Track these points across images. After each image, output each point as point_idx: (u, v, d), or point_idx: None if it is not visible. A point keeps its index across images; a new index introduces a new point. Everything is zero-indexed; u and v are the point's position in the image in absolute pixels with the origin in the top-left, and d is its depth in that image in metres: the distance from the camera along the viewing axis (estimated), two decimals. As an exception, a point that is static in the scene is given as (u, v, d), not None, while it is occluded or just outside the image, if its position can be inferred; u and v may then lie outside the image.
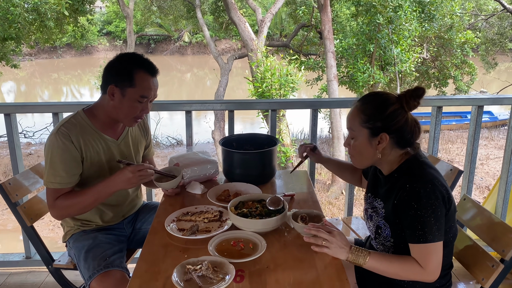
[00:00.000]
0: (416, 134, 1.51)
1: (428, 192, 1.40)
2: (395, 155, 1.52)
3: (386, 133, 1.47)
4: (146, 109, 1.84)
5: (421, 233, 1.40)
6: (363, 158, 1.55)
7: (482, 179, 9.69)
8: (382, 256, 1.47)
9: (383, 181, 1.59)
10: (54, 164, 1.75)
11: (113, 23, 29.62)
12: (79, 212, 1.84)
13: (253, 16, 16.40)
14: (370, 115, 1.48)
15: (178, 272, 1.35)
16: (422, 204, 1.39)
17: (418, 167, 1.48)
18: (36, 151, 12.02)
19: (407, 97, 1.47)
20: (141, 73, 1.77)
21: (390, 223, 1.52)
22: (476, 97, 2.57)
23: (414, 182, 1.42)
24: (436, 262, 1.41)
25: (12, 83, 24.03)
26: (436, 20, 9.78)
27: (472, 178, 2.63)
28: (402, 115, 1.47)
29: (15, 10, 9.31)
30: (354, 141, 1.54)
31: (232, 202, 1.73)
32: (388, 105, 1.47)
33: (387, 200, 1.53)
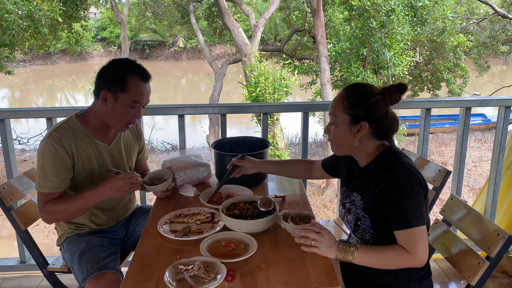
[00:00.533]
0: (394, 128, 1.58)
1: (408, 178, 1.47)
2: (373, 145, 1.58)
3: (366, 121, 1.53)
4: (139, 114, 1.85)
5: (405, 219, 1.45)
6: (342, 144, 1.60)
7: (476, 181, 9.75)
8: (369, 248, 1.51)
9: (359, 173, 1.64)
10: (45, 168, 1.77)
11: (108, 29, 29.63)
12: (68, 218, 1.86)
13: (247, 21, 16.48)
14: (353, 102, 1.55)
15: (170, 273, 1.38)
16: (403, 190, 1.45)
17: (395, 156, 1.55)
18: (30, 157, 11.99)
19: (390, 90, 1.54)
20: (134, 79, 1.79)
21: (369, 214, 1.57)
22: (464, 99, 2.62)
23: (393, 170, 1.49)
24: (423, 246, 1.46)
25: (7, 90, 23.97)
26: (428, 24, 9.87)
27: (462, 179, 2.67)
28: (383, 107, 1.54)
29: (9, 17, 9.31)
30: (334, 127, 1.59)
31: (224, 203, 1.75)
32: (372, 95, 1.54)
33: (365, 192, 1.59)
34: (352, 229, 1.66)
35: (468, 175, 10.12)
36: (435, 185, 2.02)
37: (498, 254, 1.52)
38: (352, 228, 1.65)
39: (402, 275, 1.57)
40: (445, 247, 1.79)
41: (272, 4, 10.70)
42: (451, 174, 2.27)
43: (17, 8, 9.46)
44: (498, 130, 2.65)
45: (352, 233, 1.69)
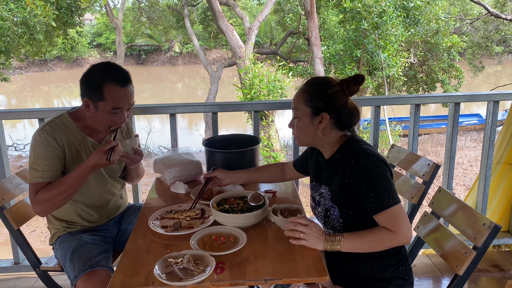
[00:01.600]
0: (354, 118, 1.63)
1: (374, 162, 1.51)
2: (335, 136, 1.63)
3: (326, 112, 1.58)
4: (122, 118, 1.84)
5: (381, 201, 1.49)
6: (305, 136, 1.65)
7: (472, 180, 9.78)
8: (355, 235, 1.53)
9: (325, 165, 1.69)
10: (37, 159, 1.78)
11: (103, 35, 29.68)
12: (61, 202, 1.81)
13: (242, 25, 16.54)
14: (312, 94, 1.60)
15: (160, 266, 1.39)
16: (372, 175, 1.50)
17: (357, 144, 1.60)
18: (27, 163, 11.95)
19: (347, 82, 1.59)
20: (110, 86, 1.77)
21: (337, 204, 1.60)
22: (453, 95, 2.65)
23: (358, 157, 1.53)
24: (405, 223, 1.50)
25: (3, 97, 23.95)
26: (422, 24, 9.94)
27: (452, 174, 2.70)
28: (342, 97, 1.59)
29: (4, 24, 9.33)
30: (297, 120, 1.64)
31: (214, 199, 1.77)
32: (330, 86, 1.60)
33: (332, 182, 1.63)
34: (323, 221, 1.69)
35: (464, 174, 10.15)
36: (425, 179, 2.04)
37: (485, 243, 1.54)
38: (323, 220, 1.68)
39: (377, 264, 1.60)
40: (434, 239, 1.80)
41: (266, 7, 10.75)
42: (442, 169, 2.30)
43: (12, 15, 9.48)
44: (487, 125, 2.67)
45: (323, 225, 1.71)
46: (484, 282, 2.59)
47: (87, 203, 1.97)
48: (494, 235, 1.53)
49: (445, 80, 11.84)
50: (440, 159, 11.41)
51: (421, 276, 2.62)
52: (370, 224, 1.54)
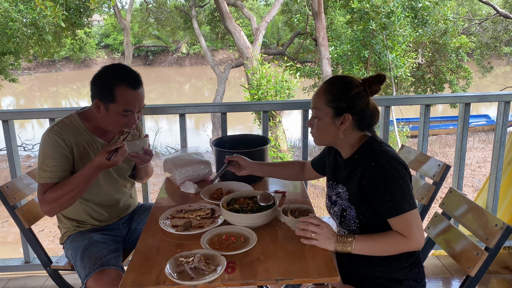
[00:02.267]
0: (375, 118, 1.61)
1: (393, 165, 1.49)
2: (356, 136, 1.61)
3: (349, 113, 1.56)
4: (133, 119, 1.85)
5: (397, 205, 1.47)
6: (325, 136, 1.62)
7: (480, 181, 9.71)
8: (367, 237, 1.52)
9: (343, 165, 1.66)
10: (46, 160, 1.80)
11: (111, 35, 29.83)
12: (68, 203, 1.82)
13: (249, 26, 16.55)
14: (335, 95, 1.57)
15: (171, 265, 1.39)
16: (390, 178, 1.48)
17: (377, 146, 1.57)
18: (35, 163, 12.04)
19: (370, 81, 1.57)
20: (122, 88, 1.78)
21: (354, 204, 1.59)
22: (463, 95, 2.64)
23: (378, 159, 1.51)
24: (418, 229, 1.48)
25: (11, 98, 24.13)
26: (430, 25, 9.89)
27: (462, 175, 2.68)
28: (365, 98, 1.57)
29: (13, 25, 9.41)
30: (318, 120, 1.61)
31: (224, 198, 1.77)
32: (353, 87, 1.57)
33: (349, 183, 1.61)
34: (338, 221, 1.68)
35: (472, 175, 10.09)
36: (435, 180, 2.03)
37: (497, 244, 1.53)
38: (338, 220, 1.67)
39: (391, 265, 1.59)
40: (445, 239, 1.79)
41: (273, 7, 10.76)
42: (452, 170, 2.28)
43: (22, 16, 9.55)
44: (498, 126, 2.65)
45: (339, 224, 1.70)
46: (495, 284, 2.57)
47: (97, 202, 1.98)
48: (506, 236, 1.52)
49: (453, 81, 11.77)
50: (448, 160, 11.35)
51: (430, 278, 2.61)
52: (386, 227, 1.53)
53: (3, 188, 1.93)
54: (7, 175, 10.84)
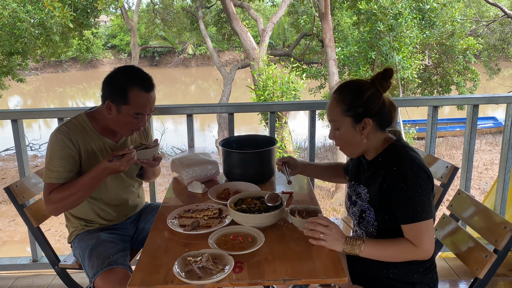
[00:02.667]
0: (393, 113, 1.58)
1: (415, 172, 1.47)
2: (379, 138, 1.59)
3: (368, 117, 1.53)
4: (143, 122, 1.88)
5: (414, 213, 1.45)
6: (352, 146, 1.61)
7: (487, 184, 9.67)
8: (376, 242, 1.52)
9: (366, 166, 1.65)
10: (53, 160, 1.81)
11: (118, 36, 29.94)
12: (73, 204, 1.84)
13: (255, 27, 16.57)
14: (350, 103, 1.54)
15: (179, 264, 1.40)
16: (410, 185, 1.45)
17: (402, 150, 1.55)
18: (42, 163, 12.11)
19: (379, 79, 1.54)
20: (135, 91, 1.80)
21: (374, 207, 1.57)
22: (471, 97, 2.62)
23: (400, 164, 1.49)
24: (429, 239, 1.47)
25: (19, 98, 24.28)
26: (437, 27, 9.84)
27: (470, 176, 2.67)
28: (379, 97, 1.54)
29: (21, 25, 9.46)
30: (339, 131, 1.59)
31: (231, 199, 1.78)
32: (365, 90, 1.54)
33: (371, 185, 1.59)
34: (357, 221, 1.67)
35: (479, 178, 10.04)
36: (443, 181, 2.02)
37: (506, 247, 1.52)
38: (357, 220, 1.66)
39: (406, 267, 1.58)
40: (453, 241, 1.79)
41: (280, 8, 10.77)
42: (459, 171, 2.27)
43: (29, 17, 9.61)
44: (506, 128, 2.64)
45: (357, 225, 1.69)
46: (502, 286, 2.56)
47: (105, 202, 1.99)
48: (515, 238, 1.51)
49: (460, 83, 11.69)
50: (455, 162, 11.29)
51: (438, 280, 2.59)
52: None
53: (12, 187, 1.95)
54: (14, 175, 10.92)
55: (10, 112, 2.58)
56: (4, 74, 11.82)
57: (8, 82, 13.21)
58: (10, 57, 11.31)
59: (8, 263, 2.75)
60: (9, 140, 12.90)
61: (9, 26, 9.55)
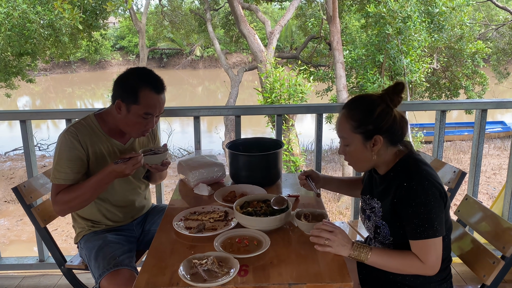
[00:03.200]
0: (405, 128, 1.55)
1: (425, 189, 1.43)
2: (390, 153, 1.55)
3: (379, 134, 1.50)
4: (152, 123, 1.89)
5: (422, 229, 1.43)
6: (361, 162, 1.59)
7: (495, 189, 9.58)
8: (383, 251, 1.51)
9: (379, 180, 1.62)
10: (60, 160, 1.82)
11: (126, 38, 30.11)
12: (80, 205, 1.86)
13: (263, 30, 16.58)
14: (359, 120, 1.51)
15: (184, 267, 1.40)
16: (420, 201, 1.43)
17: (413, 164, 1.51)
18: (50, 163, 12.22)
19: (389, 94, 1.50)
20: (146, 91, 1.81)
21: (388, 222, 1.55)
22: (480, 101, 2.61)
23: (411, 180, 1.46)
24: (435, 257, 1.44)
25: (28, 98, 24.49)
26: (446, 30, 9.79)
27: (478, 182, 2.65)
28: (390, 113, 1.50)
29: (31, 26, 9.55)
30: (349, 148, 1.57)
31: (237, 201, 1.78)
32: (375, 106, 1.50)
33: (384, 199, 1.56)
34: (373, 236, 1.65)
35: (487, 183, 9.95)
36: (450, 186, 2.01)
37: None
38: (373, 235, 1.65)
39: (423, 275, 1.55)
40: (460, 247, 1.78)
41: (287, 11, 10.77)
42: (467, 176, 2.26)
43: (39, 18, 9.69)
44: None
45: (373, 238, 1.67)
46: (510, 293, 2.53)
47: (112, 203, 2.00)
48: (523, 244, 1.50)
49: (468, 87, 11.62)
50: (462, 167, 11.22)
51: (444, 285, 2.57)
52: None
53: (20, 187, 1.97)
54: (22, 174, 11.00)
55: (19, 113, 2.60)
56: (13, 75, 11.93)
57: (18, 82, 13.32)
58: (19, 58, 11.41)
59: (15, 263, 2.77)
60: (18, 140, 13.02)
61: (19, 27, 9.65)
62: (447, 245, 1.57)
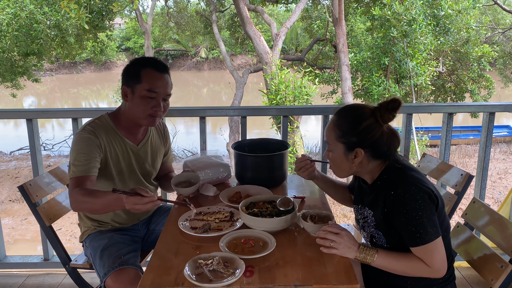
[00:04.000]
0: (393, 146, 1.53)
1: (413, 195, 1.43)
2: (374, 165, 1.55)
3: (361, 148, 1.50)
4: (158, 105, 1.88)
5: (417, 235, 1.43)
6: (341, 170, 1.60)
7: (500, 193, 9.52)
8: (390, 254, 1.50)
9: (368, 190, 1.62)
10: (77, 155, 1.81)
11: (132, 39, 30.22)
12: (91, 211, 1.91)
13: (268, 32, 16.60)
14: (344, 130, 1.52)
15: (190, 267, 1.39)
16: (410, 208, 1.43)
17: (398, 173, 1.51)
18: (55, 163, 12.25)
19: (382, 110, 1.49)
20: (148, 70, 1.87)
21: (382, 231, 1.55)
22: (488, 104, 2.59)
23: (397, 188, 1.46)
24: (440, 259, 1.44)
25: (33, 98, 24.59)
26: (452, 33, 9.75)
27: (485, 185, 2.63)
28: (377, 129, 1.50)
29: (38, 26, 9.60)
30: (331, 154, 1.58)
31: (243, 202, 1.77)
32: (362, 120, 1.50)
33: (375, 208, 1.56)
34: (370, 244, 1.65)
35: (493, 187, 9.89)
36: (457, 189, 2.00)
37: (522, 257, 1.50)
38: (369, 244, 1.64)
39: (425, 278, 1.55)
40: (467, 250, 1.76)
41: (293, 13, 10.76)
42: (474, 180, 2.24)
43: (46, 18, 9.74)
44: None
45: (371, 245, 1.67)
46: (517, 298, 2.51)
47: None
48: (532, 249, 1.48)
49: (474, 90, 11.56)
50: (468, 171, 11.14)
51: (450, 289, 2.55)
52: None
53: (26, 185, 1.97)
54: (26, 174, 11.03)
55: (26, 112, 2.61)
56: (19, 74, 11.99)
57: (23, 82, 13.39)
58: (26, 58, 11.47)
59: (20, 261, 2.77)
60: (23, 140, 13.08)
61: (26, 27, 9.70)
62: (447, 245, 1.56)
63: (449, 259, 1.59)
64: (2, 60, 10.93)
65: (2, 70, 11.34)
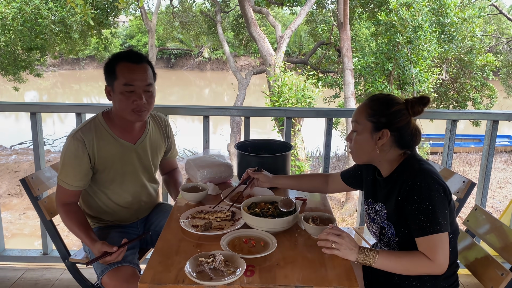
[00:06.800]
0: (416, 139, 1.58)
1: (429, 184, 1.46)
2: (394, 154, 1.58)
3: (388, 129, 1.54)
4: (140, 98, 1.83)
5: (427, 225, 1.44)
6: (363, 152, 1.61)
7: (500, 202, 9.52)
8: (390, 253, 1.50)
9: (382, 183, 1.64)
10: (65, 166, 1.85)
11: (136, 37, 30.27)
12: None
13: (272, 34, 16.62)
14: (376, 110, 1.56)
15: (190, 264, 1.39)
16: (424, 197, 1.44)
17: (417, 164, 1.54)
18: (55, 158, 12.25)
19: (413, 102, 1.55)
20: (122, 64, 1.83)
21: (393, 222, 1.56)
22: (491, 112, 2.59)
23: (415, 177, 1.48)
24: (443, 253, 1.44)
25: (35, 93, 24.63)
26: (456, 41, 9.76)
27: (486, 193, 2.63)
28: (406, 116, 1.55)
29: (43, 21, 9.61)
30: (356, 134, 1.60)
31: (245, 202, 1.77)
32: (394, 103, 1.56)
33: (388, 201, 1.58)
34: (378, 238, 1.65)
35: (493, 196, 9.89)
36: (459, 196, 1.99)
37: (523, 265, 1.49)
38: (378, 238, 1.65)
39: (429, 281, 1.55)
40: (468, 257, 1.76)
41: (298, 16, 10.77)
42: (476, 187, 2.24)
43: (51, 13, 9.75)
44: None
45: (378, 242, 1.68)
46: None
47: (122, 206, 2.01)
48: (533, 257, 1.48)
49: (477, 99, 11.57)
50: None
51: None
52: None
53: (28, 178, 1.97)
54: (26, 168, 11.03)
55: (30, 105, 2.61)
56: (22, 68, 12.01)
57: (26, 76, 13.40)
58: (29, 52, 11.49)
59: (19, 255, 2.77)
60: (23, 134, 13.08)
61: (31, 22, 9.71)
62: (453, 249, 1.57)
63: (454, 264, 1.60)
64: (6, 54, 10.95)
65: (5, 64, 11.37)
